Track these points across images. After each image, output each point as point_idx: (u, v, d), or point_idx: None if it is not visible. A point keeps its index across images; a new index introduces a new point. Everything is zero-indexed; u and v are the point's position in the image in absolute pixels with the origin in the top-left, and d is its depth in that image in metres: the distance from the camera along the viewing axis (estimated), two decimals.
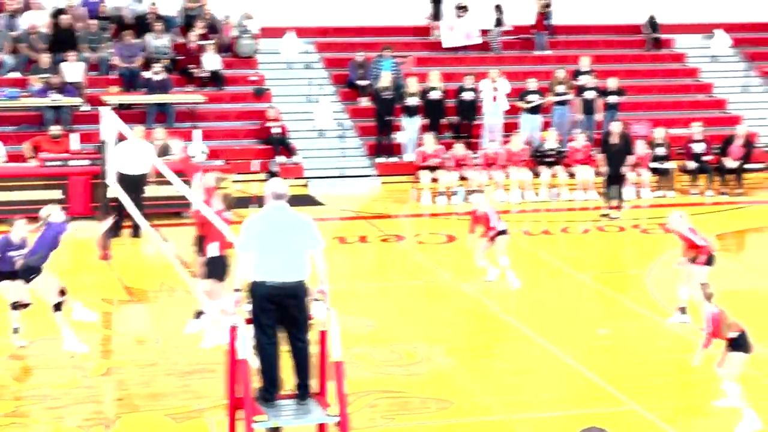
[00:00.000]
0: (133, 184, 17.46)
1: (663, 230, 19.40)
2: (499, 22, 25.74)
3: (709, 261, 13.71)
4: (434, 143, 21.66)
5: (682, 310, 13.94)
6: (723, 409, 11.56)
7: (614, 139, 20.15)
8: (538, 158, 21.94)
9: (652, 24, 26.69)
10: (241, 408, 8.76)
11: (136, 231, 17.86)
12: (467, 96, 23.03)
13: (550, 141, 21.99)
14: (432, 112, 22.93)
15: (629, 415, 11.51)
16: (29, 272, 12.66)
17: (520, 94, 23.22)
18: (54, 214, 12.86)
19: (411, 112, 22.78)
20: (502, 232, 15.51)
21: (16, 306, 12.72)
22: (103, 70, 23.64)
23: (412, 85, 22.79)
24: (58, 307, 12.72)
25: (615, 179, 20.11)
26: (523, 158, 21.75)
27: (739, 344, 11.18)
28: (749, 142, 22.56)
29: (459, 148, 21.76)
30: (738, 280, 16.54)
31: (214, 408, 11.29)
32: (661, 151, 22.08)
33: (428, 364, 12.84)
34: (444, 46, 25.70)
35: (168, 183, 18.48)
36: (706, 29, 27.42)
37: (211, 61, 23.87)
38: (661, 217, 20.28)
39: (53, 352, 12.83)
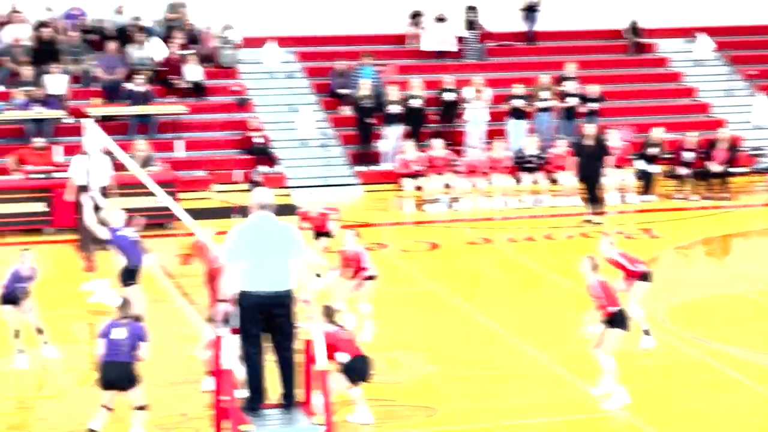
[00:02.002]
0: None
1: (648, 236, 19.52)
2: (472, 26, 25.75)
3: (645, 278, 13.40)
4: (415, 150, 21.68)
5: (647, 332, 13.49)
6: (713, 413, 11.64)
7: (588, 142, 20.25)
8: (520, 164, 21.98)
9: (634, 29, 26.81)
10: (227, 418, 8.76)
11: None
12: (448, 97, 23.02)
13: (531, 147, 22.04)
14: (413, 119, 22.98)
15: (614, 420, 11.55)
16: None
17: (507, 98, 23.27)
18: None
19: (392, 120, 22.81)
20: (371, 277, 14.03)
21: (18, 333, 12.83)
22: (86, 82, 23.61)
23: (393, 93, 22.83)
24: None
25: (590, 181, 20.16)
26: (505, 165, 21.79)
27: (618, 320, 11.71)
28: (733, 146, 22.67)
29: (438, 149, 21.70)
30: (723, 285, 16.63)
31: (200, 418, 11.28)
32: (653, 150, 21.97)
33: (413, 372, 12.86)
34: (422, 48, 25.75)
35: (151, 194, 18.54)
36: (688, 33, 27.57)
37: (193, 72, 23.87)
38: (645, 222, 20.39)
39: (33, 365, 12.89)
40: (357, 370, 11.19)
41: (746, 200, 22.44)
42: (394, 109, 22.75)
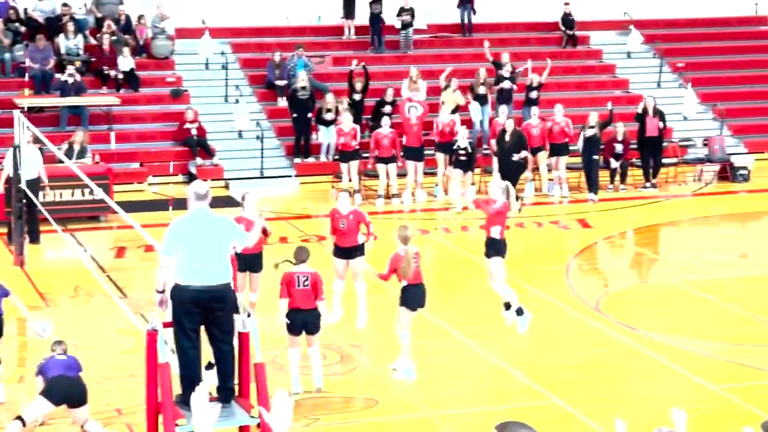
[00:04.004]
0: (29, 189, 17.04)
1: (581, 226, 19.69)
2: (409, 23, 25.74)
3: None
4: (351, 122, 21.35)
5: (509, 307, 13.37)
6: (644, 403, 11.76)
7: (507, 137, 20.45)
8: (452, 157, 21.84)
9: (568, 21, 27.01)
10: (162, 412, 8.65)
11: (34, 237, 17.45)
12: (387, 109, 22.89)
13: (462, 140, 21.71)
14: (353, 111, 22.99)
15: (551, 409, 11.63)
16: None
17: (443, 88, 23.22)
18: None
19: (327, 124, 22.74)
20: (360, 249, 13.58)
21: None
22: (12, 72, 23.18)
23: (330, 101, 22.68)
24: None
25: (509, 176, 20.24)
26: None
27: (404, 295, 12.16)
28: (662, 138, 22.92)
29: (386, 126, 21.32)
30: (653, 275, 16.82)
31: (134, 413, 11.16)
32: (590, 132, 21.87)
33: (351, 364, 12.85)
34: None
35: (85, 187, 18.30)
36: (620, 26, 27.84)
37: (126, 63, 23.56)
38: (579, 213, 20.57)
39: None
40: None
41: (675, 190, 22.72)
42: (329, 116, 22.55)
